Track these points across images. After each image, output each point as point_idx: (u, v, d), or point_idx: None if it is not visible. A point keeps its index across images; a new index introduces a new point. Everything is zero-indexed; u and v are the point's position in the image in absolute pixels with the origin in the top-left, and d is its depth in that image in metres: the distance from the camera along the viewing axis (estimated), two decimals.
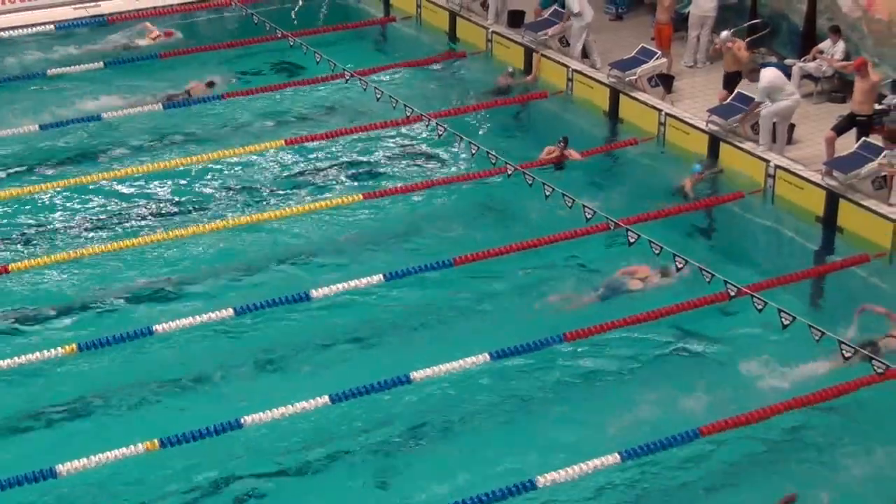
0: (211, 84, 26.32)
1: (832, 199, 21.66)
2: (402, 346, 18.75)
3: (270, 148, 24.06)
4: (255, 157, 23.85)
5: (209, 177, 23.34)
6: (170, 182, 23.07)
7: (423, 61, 28.09)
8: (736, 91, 24.06)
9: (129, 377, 17.93)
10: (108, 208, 22.32)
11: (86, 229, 21.63)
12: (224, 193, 22.84)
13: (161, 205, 22.47)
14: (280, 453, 16.62)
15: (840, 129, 22.52)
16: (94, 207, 22.34)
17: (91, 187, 22.69)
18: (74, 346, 18.03)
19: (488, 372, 17.89)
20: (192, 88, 26.08)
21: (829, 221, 21.63)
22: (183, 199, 22.64)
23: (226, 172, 23.52)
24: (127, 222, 21.86)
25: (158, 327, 18.40)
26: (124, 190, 22.82)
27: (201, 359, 18.31)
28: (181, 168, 23.30)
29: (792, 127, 23.12)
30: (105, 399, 17.52)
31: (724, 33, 24.58)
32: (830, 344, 16.59)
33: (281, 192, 22.95)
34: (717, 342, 18.88)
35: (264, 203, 22.45)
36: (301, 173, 23.61)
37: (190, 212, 22.20)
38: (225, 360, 18.32)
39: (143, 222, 21.87)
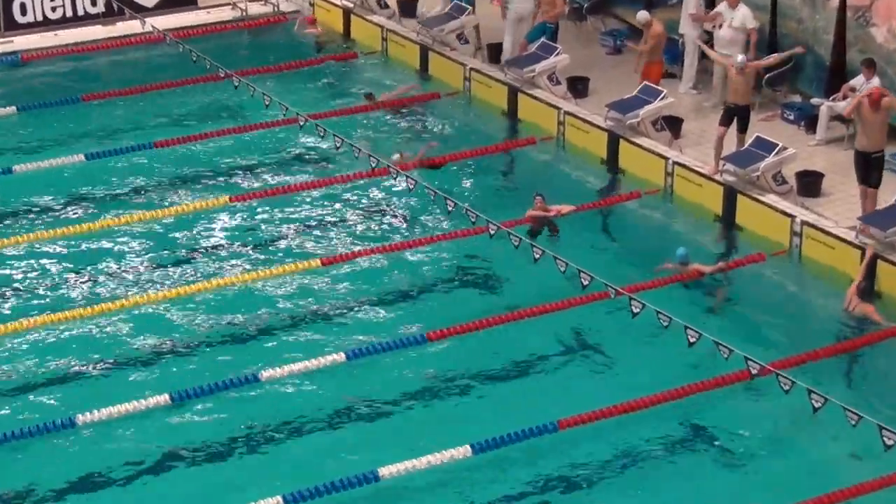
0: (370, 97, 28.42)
1: (869, 262, 21.70)
2: (368, 437, 18.73)
3: (212, 206, 24.13)
4: (194, 217, 23.88)
5: (142, 240, 23.33)
6: (96, 246, 23.09)
7: (388, 103, 28.17)
8: (755, 135, 24.19)
9: (51, 471, 17.92)
10: (33, 276, 22.31)
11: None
12: (159, 259, 22.80)
13: (89, 272, 22.41)
14: None
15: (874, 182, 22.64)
16: (23, 275, 22.37)
17: (17, 251, 22.79)
18: None
19: (471, 465, 17.88)
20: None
21: (868, 286, 21.70)
22: (114, 265, 22.61)
23: (162, 234, 23.52)
24: (59, 292, 21.85)
25: (81, 417, 18.53)
26: (49, 254, 22.87)
27: (137, 447, 18.30)
28: (110, 229, 23.37)
29: None
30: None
31: (741, 56, 24.51)
32: (869, 429, 16.63)
33: (223, 257, 22.94)
34: (737, 427, 18.90)
35: (205, 270, 22.43)
36: (247, 235, 23.62)
37: (122, 280, 22.17)
38: (165, 447, 18.30)
39: (75, 292, 21.84)
